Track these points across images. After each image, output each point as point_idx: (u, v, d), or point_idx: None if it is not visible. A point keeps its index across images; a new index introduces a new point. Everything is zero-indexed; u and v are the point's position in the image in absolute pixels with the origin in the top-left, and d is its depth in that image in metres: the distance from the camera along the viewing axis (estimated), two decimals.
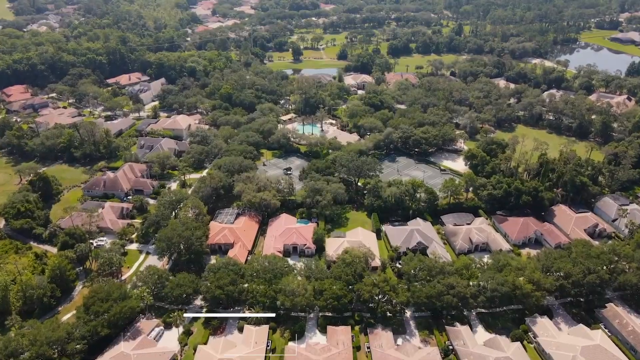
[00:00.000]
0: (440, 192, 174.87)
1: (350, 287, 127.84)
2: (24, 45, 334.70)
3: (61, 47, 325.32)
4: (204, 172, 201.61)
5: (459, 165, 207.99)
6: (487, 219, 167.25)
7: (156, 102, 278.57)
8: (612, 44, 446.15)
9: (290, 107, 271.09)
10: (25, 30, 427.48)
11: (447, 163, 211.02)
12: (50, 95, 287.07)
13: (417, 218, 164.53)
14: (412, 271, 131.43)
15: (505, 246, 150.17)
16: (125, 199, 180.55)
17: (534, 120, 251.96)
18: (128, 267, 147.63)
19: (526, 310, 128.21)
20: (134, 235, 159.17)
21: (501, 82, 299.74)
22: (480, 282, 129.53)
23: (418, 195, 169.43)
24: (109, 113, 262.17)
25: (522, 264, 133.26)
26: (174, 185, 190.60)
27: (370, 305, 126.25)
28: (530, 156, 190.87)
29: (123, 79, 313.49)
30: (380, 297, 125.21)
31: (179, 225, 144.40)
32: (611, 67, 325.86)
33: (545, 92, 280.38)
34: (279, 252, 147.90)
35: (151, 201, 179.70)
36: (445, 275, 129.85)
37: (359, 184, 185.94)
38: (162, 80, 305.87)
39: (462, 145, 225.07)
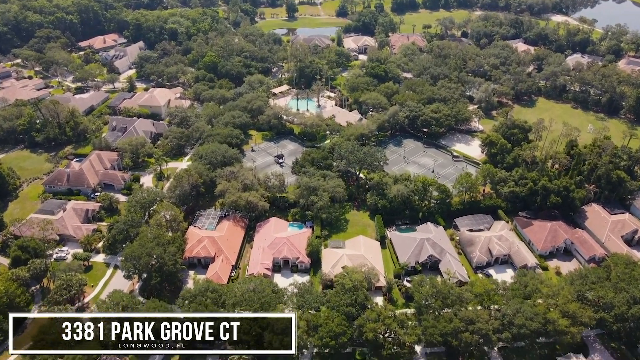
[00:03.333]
0: (454, 188, 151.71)
1: (350, 318, 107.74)
2: None
3: (26, 5, 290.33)
4: (185, 159, 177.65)
5: (474, 149, 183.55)
6: (508, 222, 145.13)
7: (133, 71, 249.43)
8: None
9: (283, 76, 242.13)
10: None
11: (460, 147, 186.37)
12: (15, 62, 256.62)
13: (428, 222, 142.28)
14: (423, 301, 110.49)
15: (531, 260, 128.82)
16: (92, 196, 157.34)
17: (557, 93, 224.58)
18: (92, 286, 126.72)
19: (557, 345, 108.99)
20: (100, 244, 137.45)
21: (519, 45, 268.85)
22: (504, 312, 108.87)
23: (429, 194, 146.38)
24: (79, 84, 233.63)
25: (554, 290, 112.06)
26: (149, 178, 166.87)
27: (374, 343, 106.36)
28: (557, 142, 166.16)
29: (97, 41, 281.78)
30: (386, 334, 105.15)
31: (148, 240, 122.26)
32: (637, 23, 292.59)
33: (569, 58, 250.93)
34: (267, 268, 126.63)
35: (122, 198, 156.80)
36: (463, 303, 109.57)
37: (361, 175, 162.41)
38: (140, 43, 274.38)
39: (477, 124, 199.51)
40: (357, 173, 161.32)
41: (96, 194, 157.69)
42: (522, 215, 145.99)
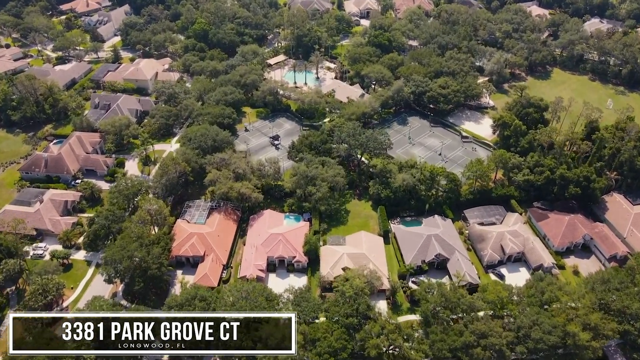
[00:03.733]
0: (463, 175, 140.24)
1: (351, 329, 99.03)
2: None
3: None
4: (173, 141, 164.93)
5: (484, 128, 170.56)
6: (521, 213, 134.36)
7: (118, 38, 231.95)
8: None
9: (279, 45, 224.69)
10: None
11: (469, 125, 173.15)
12: None
13: (435, 215, 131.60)
14: (430, 310, 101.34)
15: (547, 260, 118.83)
16: (72, 183, 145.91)
17: (573, 63, 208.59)
18: (72, 288, 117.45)
19: (576, 358, 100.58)
20: (80, 240, 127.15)
21: (534, 9, 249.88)
22: (520, 324, 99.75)
23: (437, 183, 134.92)
24: (60, 54, 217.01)
25: (574, 298, 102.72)
26: (134, 163, 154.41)
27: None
28: (576, 121, 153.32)
29: (80, 4, 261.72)
30: (390, 348, 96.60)
31: (131, 240, 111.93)
32: None
33: (588, 23, 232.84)
34: (261, 270, 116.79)
35: (105, 185, 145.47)
36: (474, 312, 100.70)
37: (363, 159, 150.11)
38: (126, 7, 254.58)
39: (488, 99, 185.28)
40: (359, 158, 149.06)
41: (77, 181, 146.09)
42: (537, 206, 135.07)
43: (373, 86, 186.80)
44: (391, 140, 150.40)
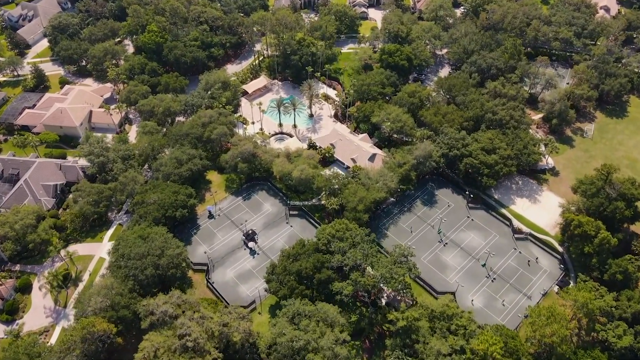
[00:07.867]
0: (524, 323, 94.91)
1: None
2: None
3: None
4: (107, 236, 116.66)
5: (544, 210, 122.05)
6: None
7: (47, 43, 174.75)
8: None
9: (260, 57, 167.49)
10: None
11: (522, 205, 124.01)
12: None
13: None
14: None
15: None
16: None
17: None
18: None
19: None
20: None
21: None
22: None
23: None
24: None
25: None
26: (41, 295, 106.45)
27: None
28: None
29: None
30: None
31: None
32: None
33: None
34: None
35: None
36: None
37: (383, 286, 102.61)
38: None
39: (547, 158, 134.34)
40: (369, 300, 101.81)
41: None
42: None
43: (384, 131, 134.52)
44: (418, 268, 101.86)
